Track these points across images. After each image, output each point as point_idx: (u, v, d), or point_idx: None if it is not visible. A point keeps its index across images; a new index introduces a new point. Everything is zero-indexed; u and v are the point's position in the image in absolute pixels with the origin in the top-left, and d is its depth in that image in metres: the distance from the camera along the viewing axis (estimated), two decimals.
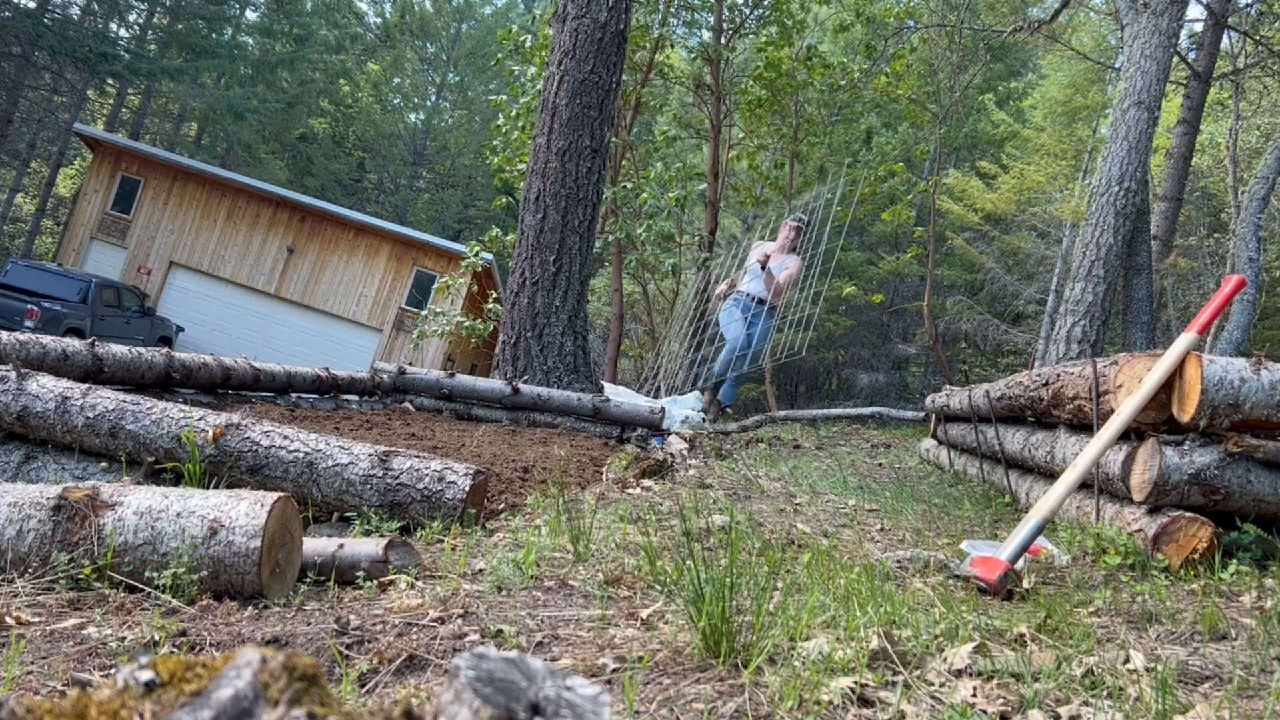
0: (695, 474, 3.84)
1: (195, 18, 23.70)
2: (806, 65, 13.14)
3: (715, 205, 14.96)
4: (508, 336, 6.47)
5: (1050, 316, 15.17)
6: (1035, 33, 11.49)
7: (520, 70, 12.53)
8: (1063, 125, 18.70)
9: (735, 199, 19.22)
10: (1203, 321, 2.38)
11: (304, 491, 2.31)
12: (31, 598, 1.55)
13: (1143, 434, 2.31)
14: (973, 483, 4.22)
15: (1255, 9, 11.55)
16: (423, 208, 34.53)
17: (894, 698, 1.13)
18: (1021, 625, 1.46)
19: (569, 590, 1.67)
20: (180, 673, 0.40)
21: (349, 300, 18.27)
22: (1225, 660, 1.38)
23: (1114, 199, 6.59)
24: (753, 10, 14.82)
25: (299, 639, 1.36)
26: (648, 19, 12.61)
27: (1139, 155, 6.61)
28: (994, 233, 18.78)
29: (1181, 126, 9.76)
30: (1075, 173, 18.02)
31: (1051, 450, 2.98)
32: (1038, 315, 17.87)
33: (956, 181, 18.78)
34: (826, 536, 2.41)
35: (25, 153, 24.43)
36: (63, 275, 13.45)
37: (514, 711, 0.38)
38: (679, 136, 15.19)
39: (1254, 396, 2.07)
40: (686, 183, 12.48)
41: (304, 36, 26.66)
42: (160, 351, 3.89)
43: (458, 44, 36.26)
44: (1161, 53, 6.65)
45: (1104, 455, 2.31)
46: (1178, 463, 2.12)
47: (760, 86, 13.33)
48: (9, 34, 18.94)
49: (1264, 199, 7.77)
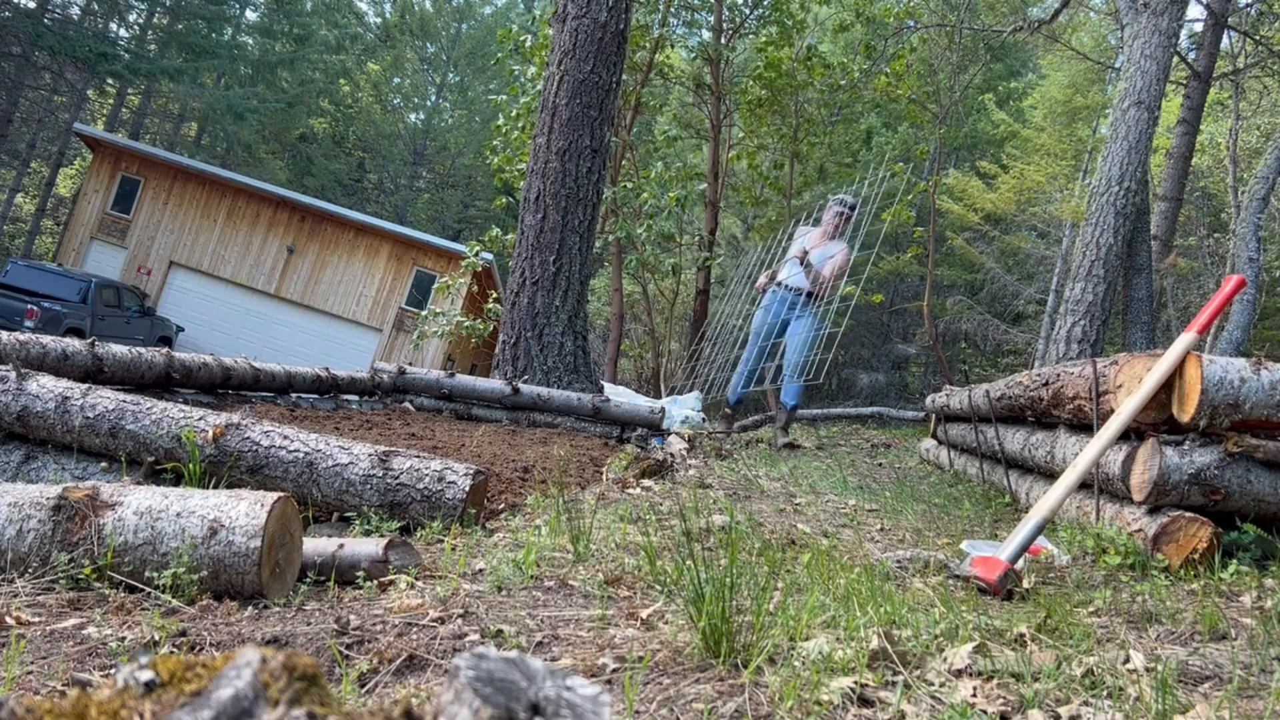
0: (695, 474, 3.84)
1: (195, 18, 23.71)
2: (806, 65, 13.14)
3: (715, 205, 14.97)
4: (508, 336, 6.47)
5: (1050, 316, 15.17)
6: (1035, 33, 11.49)
7: (520, 70, 12.53)
8: (1063, 125, 18.69)
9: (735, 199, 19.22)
10: (1203, 321, 2.38)
11: (304, 491, 2.31)
12: (31, 598, 1.55)
13: (1143, 434, 2.31)
14: (973, 483, 4.22)
15: (1255, 9, 11.55)
16: (423, 208, 34.53)
17: (894, 698, 1.13)
18: (1021, 625, 1.46)
19: (569, 590, 1.67)
20: (180, 673, 0.40)
21: (349, 300, 18.27)
22: (1225, 660, 1.38)
23: (1114, 199, 6.59)
24: (753, 10, 14.82)
25: (299, 639, 1.36)
26: (648, 19, 12.61)
27: (1139, 155, 6.61)
28: (994, 233, 18.78)
29: (1181, 126, 9.76)
30: (1075, 173, 18.02)
31: (1051, 450, 2.98)
32: (1038, 315, 17.87)
33: (956, 181, 18.78)
34: (826, 536, 2.41)
35: (25, 153, 24.44)
36: (63, 275, 13.45)
37: (514, 711, 0.38)
38: (679, 136, 15.20)
39: (1254, 396, 2.07)
40: (686, 183, 12.48)
41: (304, 36, 26.66)
42: (160, 351, 3.89)
43: (458, 44, 36.26)
44: (1161, 52, 6.65)
45: (1104, 455, 2.31)
46: (1178, 463, 2.12)
47: (760, 86, 13.33)
48: (9, 34, 18.94)
49: (1264, 199, 7.77)
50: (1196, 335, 2.28)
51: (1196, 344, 2.25)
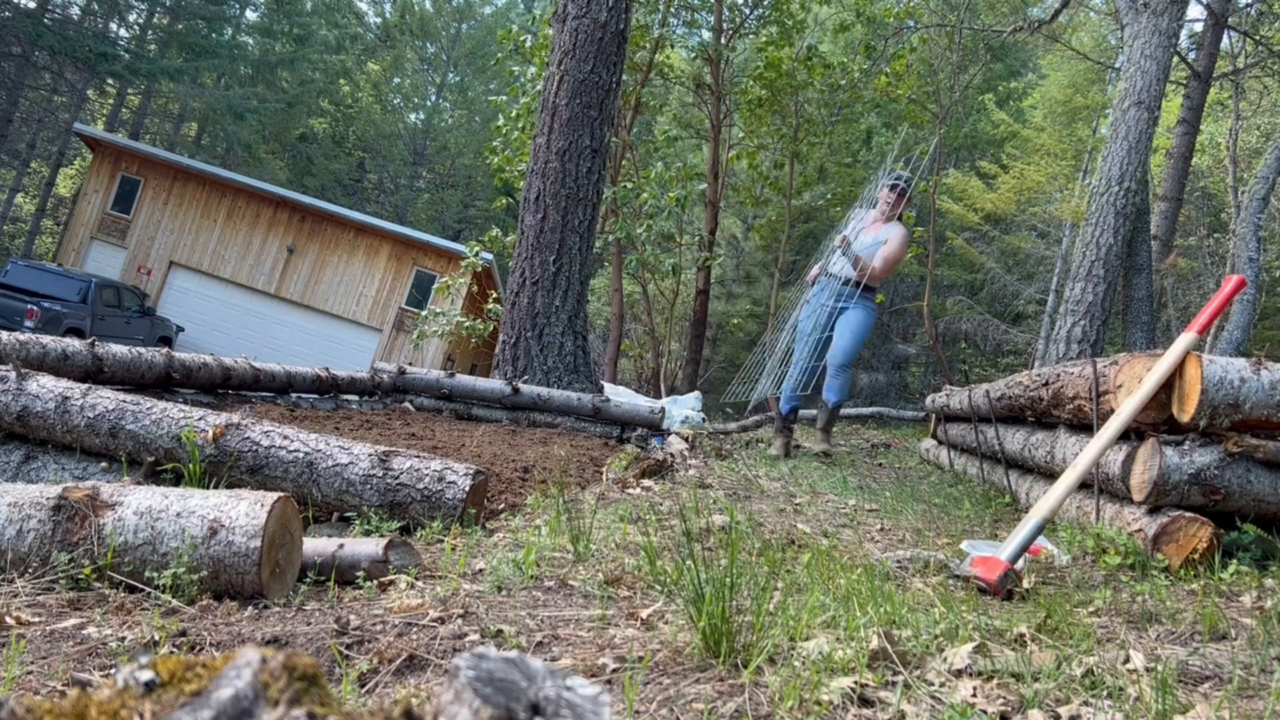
0: (695, 474, 3.84)
1: (195, 18, 23.71)
2: (806, 65, 13.14)
3: (715, 205, 14.97)
4: (508, 336, 6.47)
5: (1050, 316, 15.18)
6: (1035, 33, 11.49)
7: (520, 70, 12.53)
8: (1063, 125, 18.70)
9: (735, 199, 19.22)
10: (1203, 321, 2.38)
11: (304, 491, 2.31)
12: (31, 598, 1.55)
13: (1143, 434, 2.31)
14: (973, 483, 4.22)
15: (1255, 9, 11.55)
16: (423, 208, 34.53)
17: (894, 698, 1.13)
18: (1021, 625, 1.46)
19: (569, 590, 1.67)
20: (180, 673, 0.40)
21: (349, 300, 18.26)
22: (1225, 660, 1.38)
23: (1114, 199, 6.59)
24: (753, 10, 14.83)
25: (299, 639, 1.36)
26: (648, 19, 12.61)
27: (1139, 155, 6.61)
28: (994, 233, 18.79)
29: (1181, 126, 9.76)
30: (1075, 173, 18.02)
31: (1051, 450, 2.98)
32: (1038, 315, 17.87)
33: (956, 181, 18.78)
34: (826, 536, 2.41)
35: (25, 153, 24.44)
36: (63, 275, 13.45)
37: (514, 711, 0.38)
38: (679, 136, 15.20)
39: (1254, 396, 2.07)
40: (687, 183, 12.48)
41: (304, 36, 26.66)
42: (160, 351, 3.89)
43: (458, 44, 36.26)
44: (1161, 52, 6.65)
45: (1104, 455, 2.31)
46: (1178, 463, 2.12)
47: (760, 86, 13.33)
48: (9, 34, 18.94)
49: (1264, 199, 7.77)
50: (1196, 335, 2.28)
51: (1196, 344, 2.25)
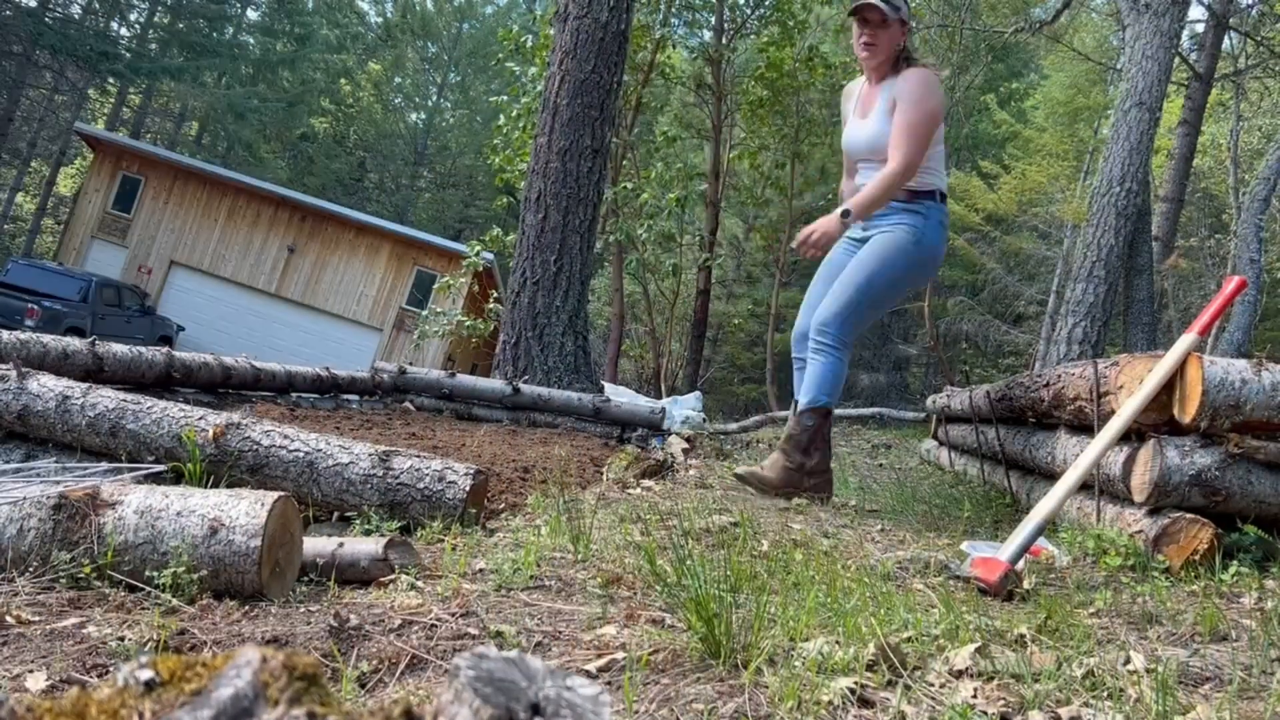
0: (695, 474, 3.84)
1: (196, 17, 23.74)
2: (808, 65, 13.14)
3: (716, 205, 14.97)
4: (508, 336, 6.47)
5: (1051, 317, 15.16)
6: (1037, 33, 11.49)
7: (521, 70, 12.54)
8: (1064, 126, 18.70)
9: (736, 199, 19.21)
10: (1204, 323, 2.38)
11: (304, 491, 2.31)
12: (32, 596, 1.55)
13: (1143, 435, 2.31)
14: (973, 483, 4.22)
15: (1257, 10, 11.55)
16: (423, 207, 34.55)
17: (894, 698, 1.13)
18: (1022, 626, 1.46)
19: (569, 590, 1.67)
20: (180, 672, 0.40)
21: (349, 300, 18.27)
22: (1226, 662, 1.38)
23: (1115, 200, 6.59)
24: (754, 10, 14.82)
25: (299, 638, 1.36)
26: (649, 19, 12.61)
27: (1140, 156, 6.61)
28: (995, 233, 18.78)
29: (1183, 128, 9.76)
30: (1077, 173, 18.02)
31: (1052, 451, 2.98)
32: (1039, 316, 17.86)
33: (957, 182, 18.77)
34: (827, 537, 2.41)
35: (26, 152, 24.45)
36: (63, 274, 13.46)
37: (514, 711, 0.38)
38: (680, 136, 15.20)
39: (1255, 398, 2.07)
40: (687, 183, 12.49)
41: (305, 36, 26.68)
42: (161, 351, 3.89)
43: (459, 44, 36.27)
44: (1163, 54, 6.65)
45: (1105, 456, 2.31)
46: (1179, 464, 2.12)
47: (762, 86, 13.34)
48: (10, 33, 18.95)
49: (1265, 200, 7.77)
50: (1197, 336, 2.28)
51: (1197, 345, 2.25)
